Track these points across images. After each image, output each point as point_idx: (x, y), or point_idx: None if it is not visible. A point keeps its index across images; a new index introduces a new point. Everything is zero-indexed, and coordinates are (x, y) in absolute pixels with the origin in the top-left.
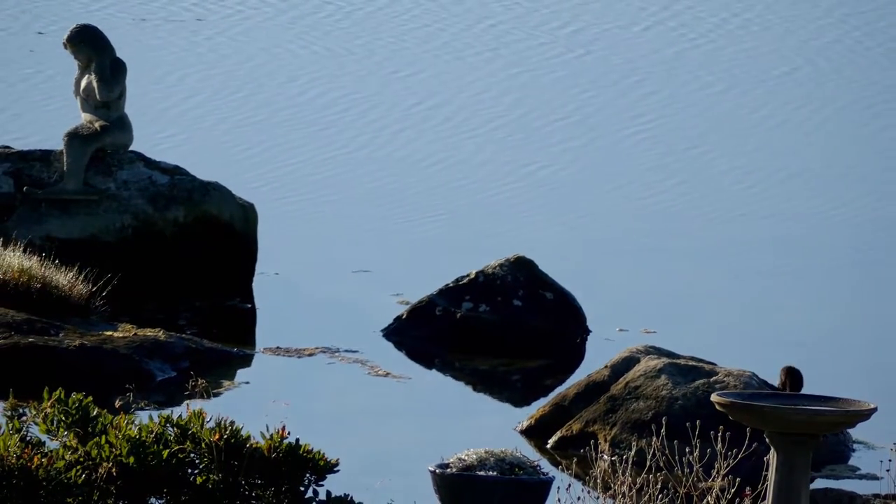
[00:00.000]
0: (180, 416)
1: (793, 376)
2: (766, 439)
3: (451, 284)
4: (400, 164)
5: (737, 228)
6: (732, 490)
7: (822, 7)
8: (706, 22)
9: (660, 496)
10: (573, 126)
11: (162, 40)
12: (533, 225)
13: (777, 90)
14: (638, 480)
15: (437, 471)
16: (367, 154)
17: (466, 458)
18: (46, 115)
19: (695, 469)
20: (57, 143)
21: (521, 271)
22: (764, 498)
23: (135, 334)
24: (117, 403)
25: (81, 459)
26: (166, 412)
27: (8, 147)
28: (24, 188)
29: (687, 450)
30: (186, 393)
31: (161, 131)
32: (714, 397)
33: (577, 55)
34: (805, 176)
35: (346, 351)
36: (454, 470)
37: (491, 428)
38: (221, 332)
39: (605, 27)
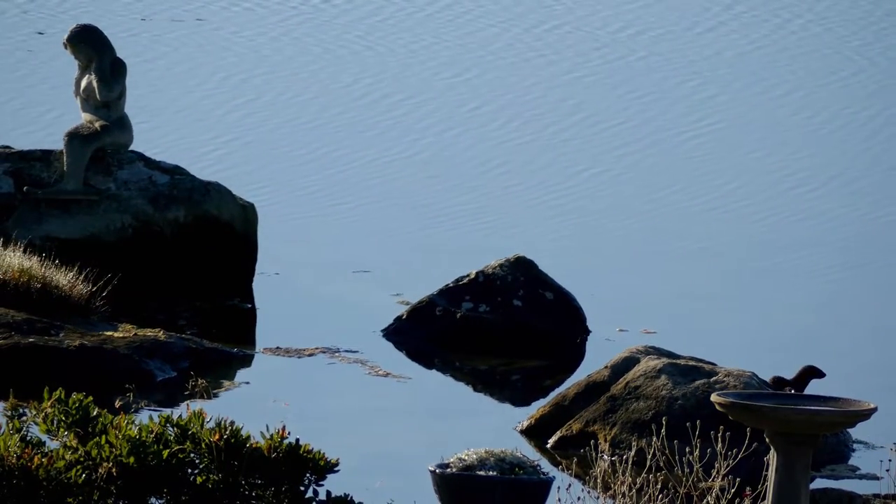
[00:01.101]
0: (180, 416)
1: (805, 374)
2: (766, 439)
3: (451, 284)
4: (400, 165)
5: (737, 229)
6: (732, 490)
7: (884, 9)
8: (767, 24)
9: (660, 496)
10: (573, 126)
11: (162, 40)
12: (533, 225)
13: (839, 91)
14: (638, 480)
15: (437, 471)
16: (367, 154)
17: (466, 458)
18: (46, 115)
19: (695, 469)
20: (57, 143)
21: (521, 271)
22: (764, 498)
23: (135, 334)
24: (117, 403)
25: (81, 459)
26: (166, 412)
27: (8, 147)
28: (24, 188)
29: (687, 450)
30: (186, 393)
31: (161, 131)
32: (714, 397)
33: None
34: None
35: (346, 351)
36: (454, 470)
37: (491, 428)
38: (221, 332)
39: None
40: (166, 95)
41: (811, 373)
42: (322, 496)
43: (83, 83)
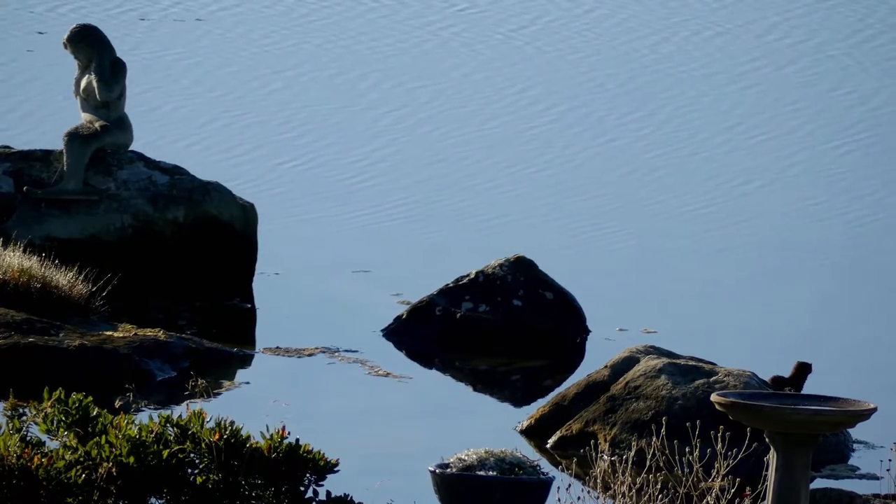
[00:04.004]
0: (180, 416)
1: (800, 371)
2: (766, 439)
3: (451, 284)
4: (400, 164)
5: (737, 229)
6: (732, 490)
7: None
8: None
9: (660, 496)
10: (574, 126)
11: (162, 40)
12: (533, 225)
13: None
14: (638, 480)
15: (437, 471)
16: (367, 154)
17: (466, 458)
18: (46, 115)
19: (695, 469)
20: (57, 143)
21: (521, 271)
22: (764, 498)
23: (135, 334)
24: (117, 403)
25: (81, 459)
26: (166, 412)
27: (8, 147)
28: (24, 188)
29: (687, 450)
30: (186, 393)
31: (161, 131)
32: (714, 397)
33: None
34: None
35: (346, 351)
36: (454, 470)
37: (491, 428)
38: (221, 332)
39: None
40: (166, 95)
41: (805, 368)
42: (322, 496)
43: (83, 83)
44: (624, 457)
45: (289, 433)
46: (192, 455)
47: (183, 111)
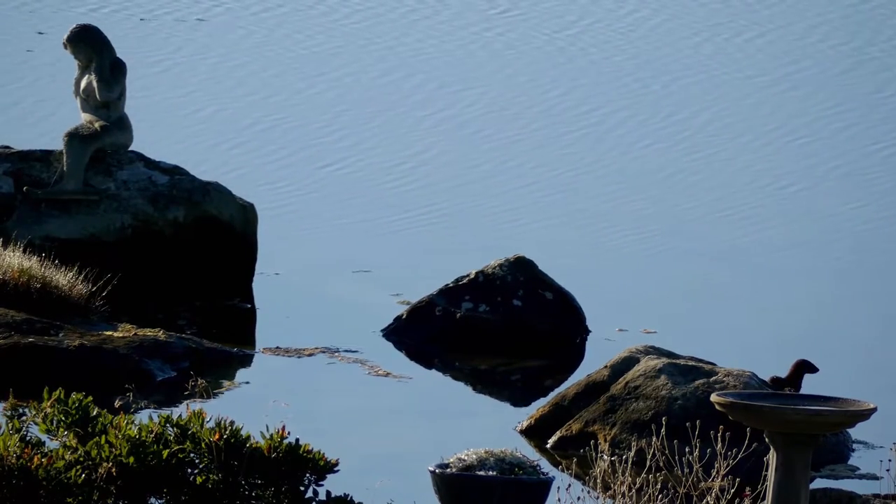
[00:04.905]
0: (180, 416)
1: (798, 370)
2: (766, 439)
3: (451, 284)
4: (400, 164)
5: (737, 229)
6: (732, 490)
7: None
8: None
9: (660, 496)
10: (573, 126)
11: (162, 40)
12: (533, 225)
13: (836, 91)
14: (638, 480)
15: (437, 471)
16: (367, 154)
17: (466, 458)
18: (46, 115)
19: (695, 469)
20: (57, 143)
21: (521, 271)
22: (764, 498)
23: (135, 334)
24: (117, 403)
25: (81, 459)
26: (166, 412)
27: (8, 147)
28: (24, 188)
29: (687, 450)
30: (186, 393)
31: (161, 131)
32: (714, 397)
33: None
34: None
35: (346, 351)
36: (454, 470)
37: (491, 428)
38: (221, 332)
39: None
40: (166, 95)
41: (804, 367)
42: (322, 496)
43: (83, 83)
44: (624, 457)
45: (289, 433)
46: (192, 455)
47: (183, 111)
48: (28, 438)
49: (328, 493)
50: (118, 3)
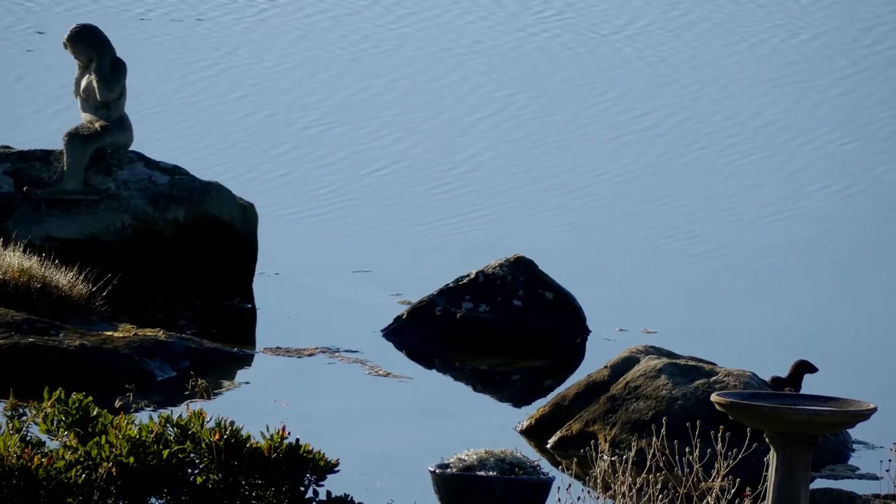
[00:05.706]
0: (180, 416)
1: (797, 369)
2: (766, 439)
3: (451, 284)
4: (399, 164)
5: (737, 229)
6: (732, 490)
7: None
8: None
9: (660, 496)
10: (573, 126)
11: (162, 40)
12: (533, 225)
13: (838, 93)
14: (638, 480)
15: (437, 471)
16: (367, 154)
17: (466, 458)
18: (46, 116)
19: (695, 469)
20: (57, 143)
21: (521, 271)
22: (764, 498)
23: (135, 334)
24: (117, 403)
25: (81, 459)
26: (166, 412)
27: (8, 147)
28: (24, 188)
29: (687, 450)
30: (186, 393)
31: (161, 131)
32: (714, 397)
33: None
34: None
35: (346, 351)
36: (454, 470)
37: (491, 428)
38: (221, 332)
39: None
40: (166, 95)
41: (804, 367)
42: (322, 496)
43: (83, 83)
44: (624, 457)
45: (289, 433)
46: (192, 455)
47: (183, 111)
48: (28, 438)
49: (328, 493)
50: (118, 2)
